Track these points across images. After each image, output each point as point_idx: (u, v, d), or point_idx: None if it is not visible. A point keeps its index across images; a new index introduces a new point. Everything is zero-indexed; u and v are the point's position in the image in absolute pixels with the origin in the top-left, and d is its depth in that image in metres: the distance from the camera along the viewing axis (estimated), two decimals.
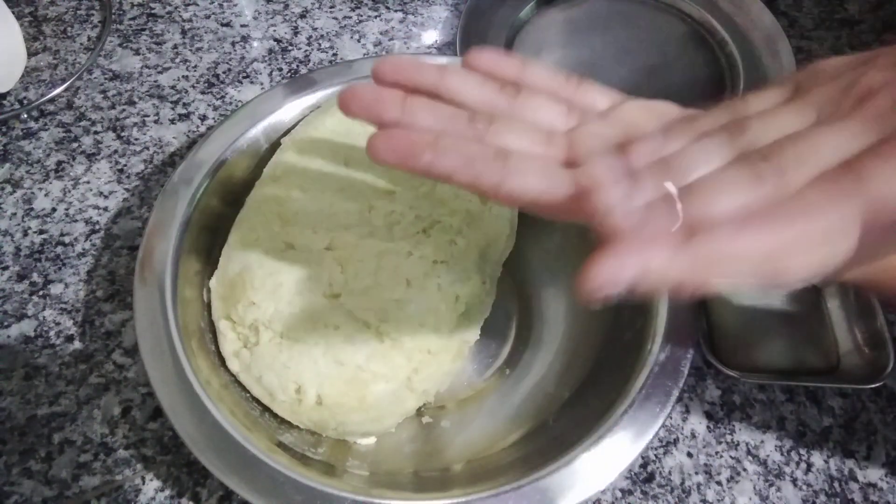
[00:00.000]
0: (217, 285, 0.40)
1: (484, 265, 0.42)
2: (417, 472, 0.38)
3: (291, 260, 0.39)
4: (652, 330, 0.38)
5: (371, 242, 0.39)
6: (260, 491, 0.32)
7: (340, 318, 0.38)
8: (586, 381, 0.40)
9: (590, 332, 0.43)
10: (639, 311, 0.39)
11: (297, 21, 0.63)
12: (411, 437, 0.41)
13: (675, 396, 0.35)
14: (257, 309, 0.38)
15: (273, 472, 0.33)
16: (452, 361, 0.40)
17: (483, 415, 0.42)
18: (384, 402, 0.37)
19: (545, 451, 0.35)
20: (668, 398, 0.35)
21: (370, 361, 0.37)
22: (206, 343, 0.39)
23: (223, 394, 0.37)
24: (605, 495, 0.40)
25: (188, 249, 0.40)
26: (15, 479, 0.40)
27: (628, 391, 0.36)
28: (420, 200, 0.42)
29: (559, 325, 0.45)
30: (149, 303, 0.37)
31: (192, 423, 0.34)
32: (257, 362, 0.37)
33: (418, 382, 0.38)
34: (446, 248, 0.40)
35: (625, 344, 0.39)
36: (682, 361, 0.36)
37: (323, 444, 0.39)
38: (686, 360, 0.37)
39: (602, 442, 0.34)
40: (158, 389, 0.35)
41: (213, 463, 0.33)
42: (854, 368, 0.44)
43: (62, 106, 0.56)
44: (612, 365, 0.39)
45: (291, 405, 0.37)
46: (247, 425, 0.35)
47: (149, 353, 0.36)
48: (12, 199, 0.51)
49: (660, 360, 0.36)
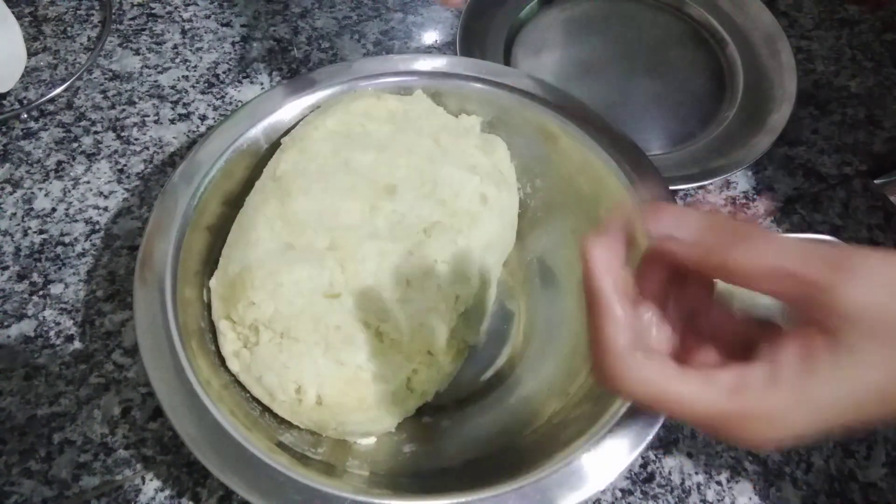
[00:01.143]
0: (217, 285, 0.40)
1: (485, 265, 0.42)
2: (417, 473, 0.38)
3: (292, 260, 0.39)
4: None
5: (372, 242, 0.39)
6: (260, 491, 0.32)
7: (341, 318, 0.38)
8: (586, 381, 0.40)
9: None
10: None
11: (297, 21, 0.63)
12: (411, 437, 0.41)
13: None
14: (257, 309, 0.38)
15: (273, 472, 0.33)
16: (452, 362, 0.40)
17: (483, 415, 0.42)
18: (384, 402, 0.37)
19: (545, 451, 0.35)
20: None
21: (370, 361, 0.37)
22: (206, 343, 0.39)
23: (223, 394, 0.37)
24: (605, 495, 0.41)
25: (188, 249, 0.40)
26: (15, 479, 0.40)
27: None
28: (420, 201, 0.42)
29: (559, 324, 0.45)
30: (149, 303, 0.37)
31: (192, 423, 0.34)
32: (257, 362, 0.37)
33: (418, 383, 0.38)
34: (447, 249, 0.40)
35: None
36: None
37: (323, 444, 0.39)
38: None
39: (602, 442, 0.34)
40: (158, 389, 0.35)
41: (213, 463, 0.33)
42: None
43: (62, 106, 0.56)
44: None
45: (291, 405, 0.37)
46: (247, 425, 0.35)
47: (149, 353, 0.36)
48: (12, 199, 0.51)
49: None
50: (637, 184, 0.42)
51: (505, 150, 0.46)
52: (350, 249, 0.39)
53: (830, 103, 0.60)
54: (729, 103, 0.58)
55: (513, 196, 0.46)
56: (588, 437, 0.34)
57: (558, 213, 0.47)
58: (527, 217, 0.48)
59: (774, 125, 0.54)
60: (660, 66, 0.61)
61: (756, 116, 0.56)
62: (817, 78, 0.61)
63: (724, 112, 0.58)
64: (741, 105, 0.57)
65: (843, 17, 0.66)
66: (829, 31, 0.65)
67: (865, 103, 0.60)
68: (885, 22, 0.66)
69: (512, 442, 0.39)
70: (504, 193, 0.45)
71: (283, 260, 0.39)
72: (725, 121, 0.56)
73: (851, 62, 0.63)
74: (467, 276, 0.40)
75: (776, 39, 0.60)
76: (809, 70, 0.62)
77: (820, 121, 0.59)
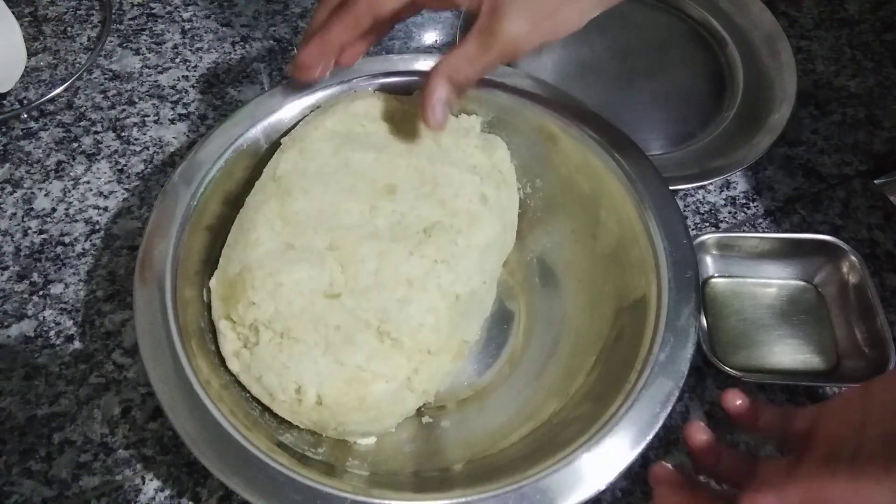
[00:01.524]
0: (217, 285, 0.40)
1: (484, 265, 0.42)
2: (417, 473, 0.38)
3: (292, 260, 0.39)
4: (652, 330, 0.38)
5: (372, 242, 0.39)
6: (259, 491, 0.32)
7: (341, 318, 0.38)
8: (586, 382, 0.40)
9: (590, 333, 0.43)
10: (639, 312, 0.40)
11: (297, 21, 0.63)
12: (411, 437, 0.41)
13: (675, 396, 0.35)
14: (257, 309, 0.38)
15: (273, 472, 0.33)
16: (452, 361, 0.40)
17: (483, 415, 0.42)
18: (384, 402, 0.37)
19: (545, 450, 0.35)
20: (669, 398, 0.35)
21: (370, 361, 0.37)
22: (206, 343, 0.39)
23: (223, 394, 0.37)
24: (604, 495, 0.40)
25: (188, 249, 0.40)
26: (15, 479, 0.40)
27: (628, 391, 0.36)
28: (421, 201, 0.42)
29: (559, 325, 0.45)
30: (148, 302, 0.37)
31: (192, 423, 0.34)
32: (257, 362, 0.37)
33: (418, 382, 0.38)
34: (447, 249, 0.40)
35: (625, 344, 0.39)
36: (682, 361, 0.36)
37: (323, 444, 0.39)
38: (686, 360, 0.36)
39: (602, 442, 0.34)
40: (158, 389, 0.35)
41: (212, 463, 0.33)
42: (854, 368, 0.44)
43: (62, 106, 0.56)
44: (613, 365, 0.39)
45: (291, 405, 0.37)
46: (247, 425, 0.35)
47: (149, 352, 0.36)
48: (12, 199, 0.51)
49: (660, 360, 0.36)
50: (637, 184, 0.42)
51: (505, 150, 0.46)
52: (350, 249, 0.39)
53: (830, 103, 0.60)
54: (729, 103, 0.58)
55: (513, 196, 0.46)
56: (588, 437, 0.34)
57: (558, 213, 0.47)
58: (527, 217, 0.48)
59: (774, 125, 0.54)
60: (660, 66, 0.61)
61: (756, 116, 0.56)
62: (817, 78, 0.61)
63: (724, 112, 0.58)
64: (741, 105, 0.57)
65: (843, 17, 0.66)
66: (829, 31, 0.65)
67: (865, 103, 0.60)
68: (885, 22, 0.66)
69: (512, 442, 0.39)
70: (504, 193, 0.45)
71: (283, 260, 0.39)
72: (725, 121, 0.56)
73: (851, 62, 0.63)
74: (467, 276, 0.40)
75: (776, 39, 0.60)
76: (809, 70, 0.62)
77: (820, 121, 0.59)
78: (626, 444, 0.34)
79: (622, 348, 0.39)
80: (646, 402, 0.35)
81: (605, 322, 0.42)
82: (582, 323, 0.44)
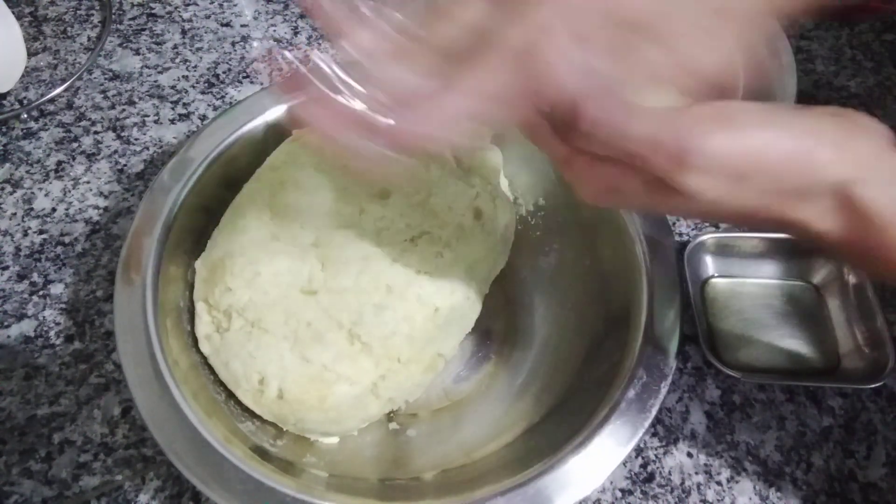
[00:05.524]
0: (201, 267, 0.40)
1: (470, 281, 0.41)
2: (382, 480, 0.38)
3: (274, 251, 0.39)
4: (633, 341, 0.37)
5: (357, 245, 0.39)
6: (204, 476, 0.32)
7: (314, 315, 0.37)
8: (565, 399, 0.40)
9: (572, 352, 0.42)
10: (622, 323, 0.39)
11: (297, 21, 0.63)
12: (376, 443, 0.41)
13: (661, 398, 0.35)
14: (233, 295, 0.38)
15: (220, 460, 0.33)
16: (423, 373, 0.39)
17: (458, 426, 0.42)
18: (345, 404, 0.37)
19: (522, 462, 0.35)
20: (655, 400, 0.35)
21: (337, 362, 0.37)
22: (182, 323, 0.39)
23: (189, 375, 0.37)
24: (604, 495, 0.41)
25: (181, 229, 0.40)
26: (15, 479, 0.40)
27: (609, 400, 0.35)
28: (412, 209, 0.41)
29: (544, 347, 0.44)
30: (128, 282, 0.37)
31: (152, 400, 0.34)
32: (226, 348, 0.38)
33: (384, 389, 0.38)
34: (431, 261, 0.40)
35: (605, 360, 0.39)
36: (666, 363, 0.36)
37: (284, 438, 0.39)
38: (670, 363, 0.36)
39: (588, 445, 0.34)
40: (125, 363, 0.35)
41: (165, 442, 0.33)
42: (854, 368, 0.44)
43: (62, 106, 0.56)
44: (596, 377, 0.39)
45: (254, 395, 0.37)
46: (207, 410, 0.35)
47: (123, 328, 0.36)
48: (12, 199, 0.51)
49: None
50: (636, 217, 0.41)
51: (501, 165, 0.46)
52: (333, 248, 0.39)
53: (830, 103, 0.60)
54: None
55: (508, 213, 0.45)
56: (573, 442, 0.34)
57: (556, 234, 0.47)
58: (524, 235, 0.47)
59: None
60: None
61: None
62: (817, 78, 0.61)
63: None
64: None
65: None
66: (829, 31, 0.65)
67: (865, 103, 0.60)
68: (885, 22, 0.66)
69: (486, 454, 0.39)
70: (500, 210, 0.44)
71: (266, 250, 0.39)
72: None
73: (851, 62, 0.63)
74: (450, 289, 0.40)
75: (776, 39, 0.59)
76: (809, 70, 0.62)
77: None
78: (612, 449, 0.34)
79: (604, 360, 0.39)
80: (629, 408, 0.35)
81: (587, 341, 0.42)
82: (563, 342, 0.44)
